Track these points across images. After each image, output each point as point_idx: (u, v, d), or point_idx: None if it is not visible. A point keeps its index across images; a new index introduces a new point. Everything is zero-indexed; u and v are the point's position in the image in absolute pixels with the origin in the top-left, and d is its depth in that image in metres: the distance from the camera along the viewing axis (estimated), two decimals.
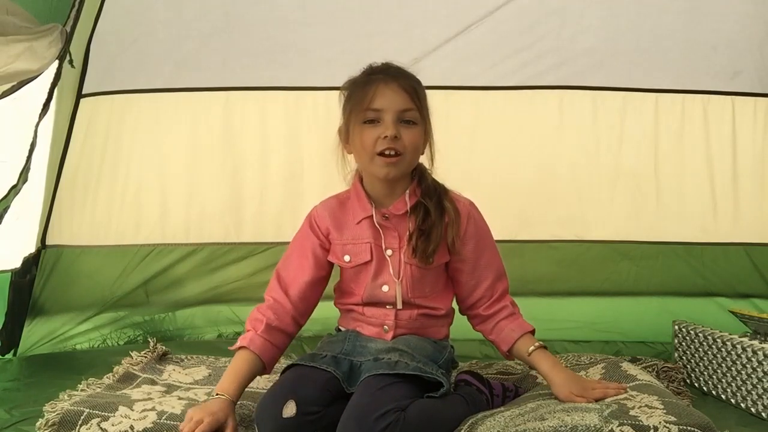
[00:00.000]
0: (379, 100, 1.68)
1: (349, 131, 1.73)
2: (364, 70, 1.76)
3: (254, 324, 1.71)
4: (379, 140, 1.66)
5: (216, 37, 2.50)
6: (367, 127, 1.68)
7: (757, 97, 2.57)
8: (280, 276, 1.79)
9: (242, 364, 1.67)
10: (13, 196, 2.16)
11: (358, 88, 1.72)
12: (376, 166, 1.69)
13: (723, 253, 2.58)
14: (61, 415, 1.62)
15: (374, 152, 1.68)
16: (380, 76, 1.71)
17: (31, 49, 1.85)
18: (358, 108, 1.69)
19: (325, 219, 1.79)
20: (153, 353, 2.19)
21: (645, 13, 2.50)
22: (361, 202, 1.76)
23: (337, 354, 1.70)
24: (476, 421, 1.59)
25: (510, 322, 1.76)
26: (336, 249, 1.77)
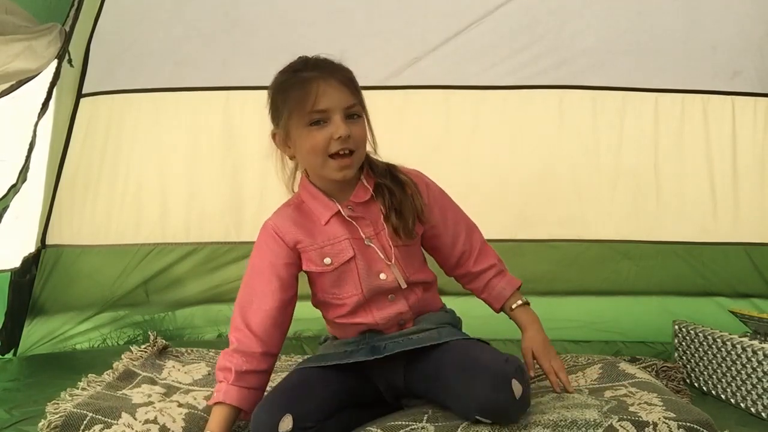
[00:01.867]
0: (323, 101, 1.58)
1: (290, 135, 1.63)
2: (291, 68, 1.66)
3: (224, 374, 1.61)
4: (332, 142, 1.58)
5: (216, 37, 2.50)
6: (314, 130, 1.59)
7: (757, 97, 2.57)
8: (241, 310, 1.66)
9: (224, 415, 1.59)
10: (12, 195, 2.16)
11: (295, 89, 1.60)
12: (330, 169, 1.61)
13: (723, 253, 2.58)
14: (63, 418, 1.62)
15: (326, 154, 1.59)
16: (316, 74, 1.61)
17: (30, 48, 1.85)
18: (300, 110, 1.59)
19: (289, 229, 1.67)
20: (153, 347, 2.19)
21: (645, 13, 2.50)
22: (321, 201, 1.67)
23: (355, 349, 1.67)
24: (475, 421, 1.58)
25: (500, 279, 1.77)
26: (312, 256, 1.66)
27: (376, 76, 2.54)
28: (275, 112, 1.66)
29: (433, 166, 2.58)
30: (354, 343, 1.69)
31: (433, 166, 2.58)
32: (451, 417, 1.59)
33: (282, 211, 1.73)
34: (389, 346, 1.64)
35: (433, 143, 2.61)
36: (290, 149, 1.66)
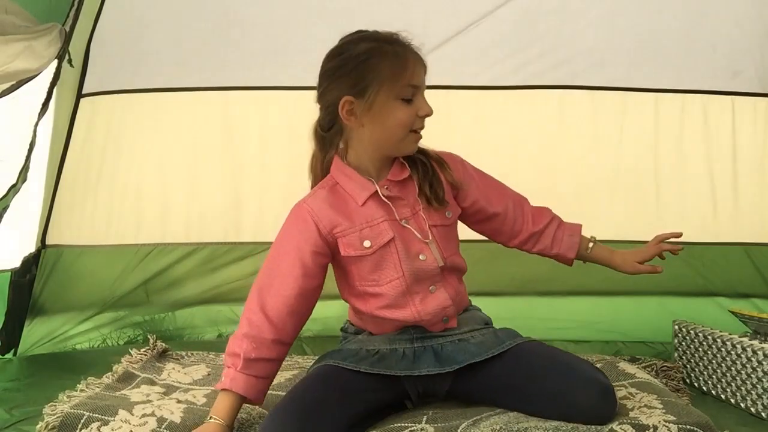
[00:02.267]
0: (415, 77, 1.58)
1: (373, 105, 1.57)
2: (376, 38, 1.61)
3: (233, 360, 1.56)
4: (417, 119, 1.59)
5: (216, 37, 2.50)
6: (403, 104, 1.57)
7: (757, 97, 2.57)
8: (259, 292, 1.60)
9: (231, 402, 1.55)
10: (12, 195, 2.16)
11: (389, 60, 1.57)
12: (408, 143, 1.62)
13: (723, 253, 2.58)
14: (61, 418, 1.62)
15: (409, 130, 1.59)
16: (409, 50, 1.60)
17: (30, 48, 1.85)
18: (394, 82, 1.56)
19: (327, 212, 1.61)
20: (153, 350, 2.19)
21: (645, 12, 2.50)
22: (358, 181, 1.63)
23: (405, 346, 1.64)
24: (480, 418, 1.59)
25: (564, 230, 1.82)
26: (351, 240, 1.60)
27: None
28: (357, 80, 1.58)
29: None
30: (397, 341, 1.65)
31: None
32: (451, 417, 1.60)
33: (317, 193, 1.66)
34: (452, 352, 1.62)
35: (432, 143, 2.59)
36: (358, 120, 1.60)
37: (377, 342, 1.67)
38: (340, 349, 1.71)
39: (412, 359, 1.63)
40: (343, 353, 1.66)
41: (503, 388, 1.60)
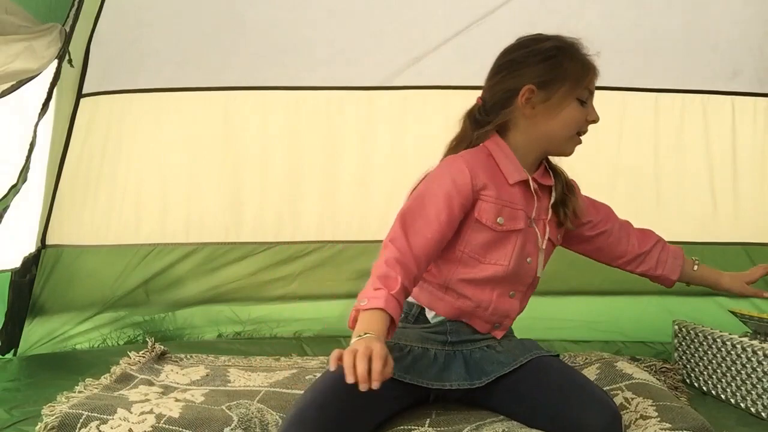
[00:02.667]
0: (593, 83, 1.70)
1: (551, 99, 1.66)
2: (572, 43, 1.70)
3: (386, 282, 1.45)
4: (585, 123, 1.70)
5: (216, 37, 2.50)
6: (579, 106, 1.68)
7: (757, 97, 2.57)
8: (404, 224, 1.56)
9: (384, 320, 1.42)
10: (12, 195, 2.16)
11: (582, 63, 1.68)
12: (571, 144, 1.71)
13: (723, 253, 2.58)
14: (60, 419, 1.62)
15: (575, 132, 1.69)
16: (590, 59, 1.71)
17: (30, 48, 1.85)
18: (579, 83, 1.66)
19: (481, 171, 1.63)
20: (151, 353, 2.19)
21: (645, 13, 2.50)
22: (514, 164, 1.67)
23: (436, 348, 1.65)
24: (483, 424, 1.59)
25: (667, 252, 1.89)
26: (488, 207, 1.62)
27: (376, 76, 2.55)
28: (542, 72, 1.66)
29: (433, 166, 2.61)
30: (431, 340, 1.66)
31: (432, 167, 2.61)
32: (454, 421, 1.60)
33: (474, 153, 1.68)
34: (480, 360, 1.64)
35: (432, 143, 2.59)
36: (533, 110, 1.66)
37: (411, 337, 1.66)
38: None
39: (442, 365, 1.64)
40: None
41: (516, 398, 1.60)
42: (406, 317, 1.70)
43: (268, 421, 1.64)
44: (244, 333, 2.60)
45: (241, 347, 2.45)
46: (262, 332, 2.60)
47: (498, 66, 1.74)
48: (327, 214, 2.61)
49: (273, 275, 2.60)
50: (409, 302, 1.70)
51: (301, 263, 2.60)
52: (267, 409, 1.70)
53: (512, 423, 1.59)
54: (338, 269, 2.61)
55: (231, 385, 1.96)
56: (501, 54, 1.75)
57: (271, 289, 2.61)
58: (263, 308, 2.62)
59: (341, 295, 2.62)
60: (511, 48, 1.74)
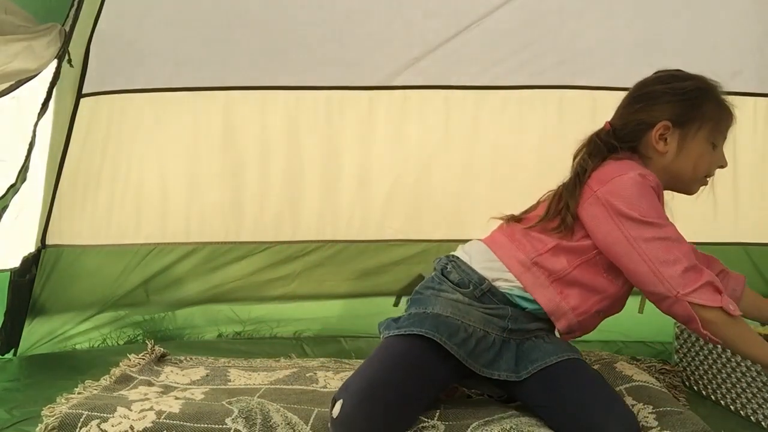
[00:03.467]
0: (728, 131, 1.74)
1: (686, 139, 1.71)
2: (705, 80, 1.74)
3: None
4: (713, 167, 1.74)
5: (216, 37, 2.50)
6: (711, 150, 1.72)
7: (757, 97, 2.56)
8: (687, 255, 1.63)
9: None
10: (11, 195, 2.16)
11: (724, 109, 1.72)
12: (697, 185, 1.77)
13: (723, 253, 2.56)
14: (60, 419, 1.62)
15: (704, 176, 1.75)
16: (731, 106, 1.74)
17: (29, 48, 1.85)
18: (717, 129, 1.70)
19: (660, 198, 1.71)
20: (151, 355, 2.19)
21: (645, 13, 2.50)
22: (663, 194, 1.74)
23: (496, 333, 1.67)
24: (492, 419, 1.59)
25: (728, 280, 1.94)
26: None
27: (376, 76, 2.54)
28: (683, 111, 1.71)
29: (433, 166, 2.61)
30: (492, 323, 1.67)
31: (433, 167, 2.61)
32: (463, 416, 1.61)
33: (650, 172, 1.71)
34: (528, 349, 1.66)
35: (433, 143, 2.61)
36: (666, 146, 1.71)
37: (475, 318, 1.66)
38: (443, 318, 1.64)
39: (497, 353, 1.65)
40: (450, 329, 1.62)
41: (544, 391, 1.61)
42: (473, 291, 1.69)
43: (269, 410, 1.65)
44: (244, 333, 2.60)
45: (241, 347, 2.45)
46: (262, 332, 2.60)
47: (633, 97, 1.77)
48: (327, 214, 2.61)
49: (273, 275, 2.60)
50: (481, 276, 1.70)
51: (301, 263, 2.60)
52: (268, 402, 1.70)
53: (520, 420, 1.60)
54: (338, 269, 2.60)
55: (231, 384, 1.97)
56: (637, 85, 1.79)
57: (271, 288, 2.61)
58: (263, 308, 2.62)
59: (341, 295, 2.63)
60: (648, 81, 1.77)
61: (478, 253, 1.75)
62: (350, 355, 2.35)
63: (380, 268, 2.60)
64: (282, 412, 1.65)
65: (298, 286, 2.62)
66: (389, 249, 2.60)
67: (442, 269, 1.75)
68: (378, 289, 2.57)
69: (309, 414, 1.66)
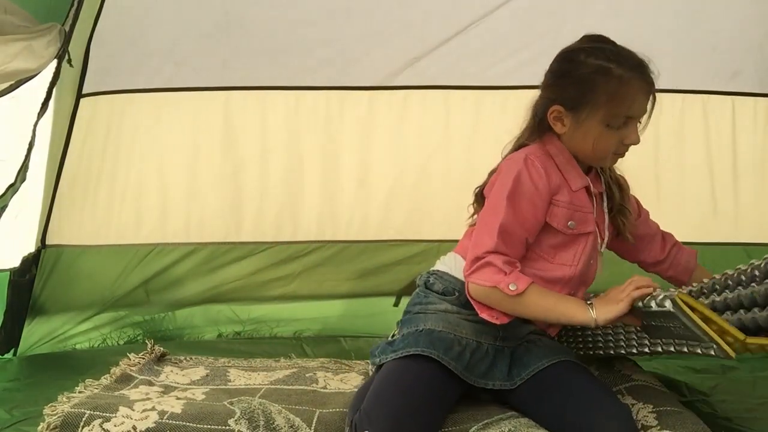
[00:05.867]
0: (636, 109, 1.59)
1: (580, 123, 1.61)
2: (614, 57, 1.59)
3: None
4: (621, 145, 1.62)
5: (216, 37, 2.50)
6: (610, 131, 1.60)
7: (757, 97, 2.56)
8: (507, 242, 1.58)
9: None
10: (11, 195, 2.16)
11: (613, 84, 1.57)
12: (607, 161, 1.68)
13: (723, 253, 2.58)
14: (62, 418, 1.62)
15: (609, 153, 1.63)
16: (644, 84, 1.59)
17: (29, 48, 1.85)
18: (611, 111, 1.57)
19: (554, 174, 1.63)
20: (151, 355, 2.19)
21: (644, 13, 2.50)
22: (576, 169, 1.66)
23: (489, 342, 1.66)
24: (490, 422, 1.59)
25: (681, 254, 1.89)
26: (560, 212, 1.63)
27: (376, 76, 2.55)
28: (574, 95, 1.61)
29: (433, 166, 2.61)
30: (485, 334, 1.66)
31: (432, 167, 2.61)
32: (462, 420, 1.61)
33: (539, 151, 1.66)
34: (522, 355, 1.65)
35: (433, 143, 2.61)
36: (564, 127, 1.64)
37: (467, 330, 1.66)
38: (437, 334, 1.65)
39: (491, 362, 1.65)
40: (444, 343, 1.62)
41: (539, 397, 1.61)
42: (459, 298, 1.68)
43: (270, 411, 1.65)
44: (244, 333, 2.60)
45: (241, 347, 2.45)
46: (261, 332, 2.60)
47: (546, 73, 1.71)
48: (327, 214, 2.61)
49: (273, 275, 2.60)
50: (463, 282, 1.66)
51: (301, 263, 2.60)
52: (269, 403, 1.70)
53: (519, 421, 1.59)
54: (338, 269, 2.61)
55: (231, 384, 1.97)
56: (554, 59, 1.71)
57: (271, 288, 2.61)
58: (263, 308, 2.62)
59: (341, 295, 2.63)
60: (560, 54, 1.69)
61: (455, 263, 1.75)
62: (350, 355, 2.35)
63: (380, 268, 2.60)
64: (284, 413, 1.65)
65: (297, 286, 2.62)
66: (389, 249, 2.60)
67: (425, 283, 1.76)
68: (378, 289, 2.58)
69: (311, 416, 1.67)
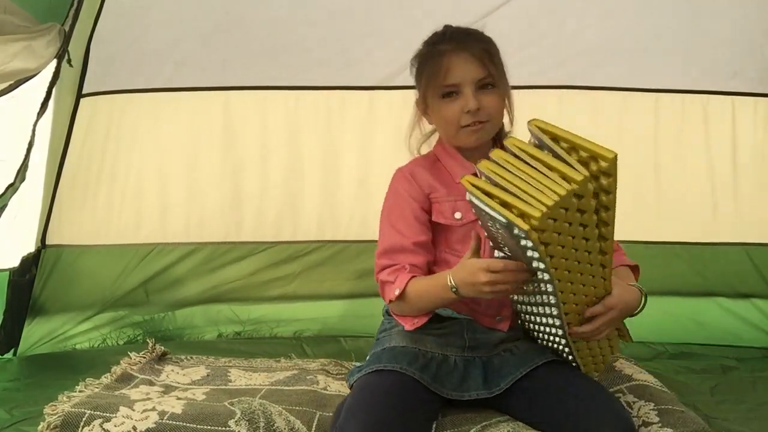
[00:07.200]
0: (453, 75, 1.61)
1: (428, 104, 1.68)
2: (431, 39, 1.69)
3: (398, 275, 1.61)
4: (463, 115, 1.61)
5: (216, 37, 2.50)
6: (447, 102, 1.63)
7: (757, 97, 2.56)
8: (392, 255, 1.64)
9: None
10: (10, 195, 2.16)
11: (428, 62, 1.65)
12: (463, 137, 1.65)
13: (723, 253, 2.58)
14: (62, 418, 1.62)
15: (458, 126, 1.63)
16: (449, 47, 1.63)
17: (29, 48, 1.85)
18: (434, 83, 1.63)
19: (424, 176, 1.69)
20: (152, 354, 2.19)
21: (645, 12, 2.50)
22: (458, 160, 1.68)
23: (456, 354, 1.65)
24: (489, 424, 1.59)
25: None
26: (443, 207, 1.67)
27: (376, 76, 2.54)
28: (417, 82, 1.71)
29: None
30: (449, 346, 1.66)
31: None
32: (460, 423, 1.60)
33: (417, 161, 1.75)
34: (499, 365, 1.63)
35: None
36: (429, 116, 1.71)
37: (431, 344, 1.66)
38: (399, 349, 1.65)
39: (462, 374, 1.64)
40: (408, 356, 1.62)
41: (529, 403, 1.59)
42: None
43: (271, 412, 1.65)
44: (244, 333, 2.60)
45: (241, 347, 2.45)
46: (261, 332, 2.60)
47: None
48: (327, 214, 2.61)
49: (273, 275, 2.60)
50: None
51: (301, 263, 2.60)
52: (269, 403, 1.70)
53: (518, 423, 1.59)
54: (338, 269, 2.60)
55: (232, 384, 1.96)
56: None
57: (271, 288, 2.61)
58: (263, 308, 2.62)
59: (341, 295, 2.62)
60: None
61: None
62: (350, 355, 2.35)
63: None
64: (284, 415, 1.65)
65: (297, 286, 2.62)
66: None
67: (386, 311, 1.78)
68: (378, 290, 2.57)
69: (312, 418, 1.67)
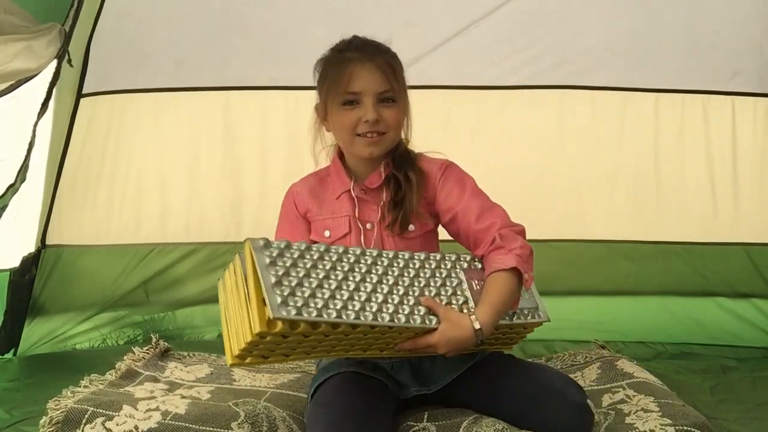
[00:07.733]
0: (356, 83, 1.61)
1: (327, 110, 1.68)
2: (337, 46, 1.69)
3: None
4: (360, 123, 1.61)
5: (216, 37, 2.50)
6: (347, 110, 1.63)
7: (757, 97, 2.56)
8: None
9: None
10: (10, 195, 2.17)
11: (333, 68, 1.66)
12: (358, 146, 1.65)
13: (723, 253, 2.58)
14: (65, 413, 1.61)
15: (355, 134, 1.63)
16: (355, 56, 1.63)
17: (29, 48, 1.85)
18: (336, 89, 1.63)
19: (304, 197, 1.75)
20: (155, 349, 2.18)
21: (645, 13, 2.50)
22: (340, 176, 1.71)
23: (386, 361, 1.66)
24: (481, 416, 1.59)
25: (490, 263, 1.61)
26: (316, 225, 1.72)
27: None
28: (319, 87, 1.72)
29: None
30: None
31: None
32: (452, 415, 1.60)
33: (308, 178, 1.80)
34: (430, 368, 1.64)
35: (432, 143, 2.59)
36: (327, 123, 1.71)
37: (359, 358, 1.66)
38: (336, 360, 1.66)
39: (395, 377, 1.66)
40: (348, 360, 1.64)
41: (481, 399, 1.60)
42: None
43: (275, 417, 1.64)
44: None
45: None
46: None
47: None
48: None
49: None
50: None
51: None
52: (274, 407, 1.69)
53: None
54: None
55: (237, 384, 1.96)
56: None
57: None
58: None
59: None
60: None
61: None
62: None
63: None
64: (288, 422, 1.64)
65: None
66: None
67: None
68: None
69: None
